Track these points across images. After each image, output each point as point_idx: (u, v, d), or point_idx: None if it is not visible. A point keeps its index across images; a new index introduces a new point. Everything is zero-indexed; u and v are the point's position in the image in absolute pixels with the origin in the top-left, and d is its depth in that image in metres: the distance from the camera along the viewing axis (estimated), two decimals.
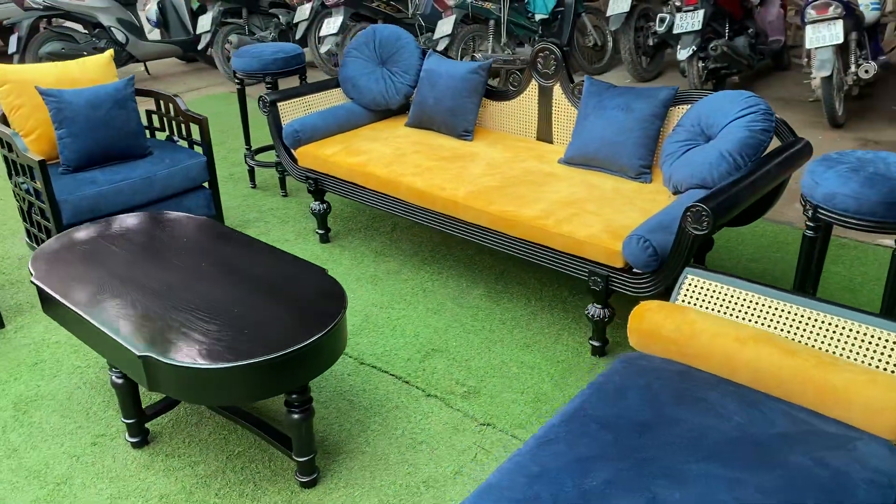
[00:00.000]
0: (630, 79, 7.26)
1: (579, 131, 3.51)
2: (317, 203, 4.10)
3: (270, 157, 5.22)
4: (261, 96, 4.08)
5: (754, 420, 1.88)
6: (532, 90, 3.93)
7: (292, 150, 4.14)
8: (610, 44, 7.53)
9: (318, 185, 4.03)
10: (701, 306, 2.30)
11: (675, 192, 3.20)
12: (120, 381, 2.59)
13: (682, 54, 6.04)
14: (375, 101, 4.30)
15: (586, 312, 3.07)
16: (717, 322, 2.14)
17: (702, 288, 2.32)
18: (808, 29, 5.43)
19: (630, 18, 6.81)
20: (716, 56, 6.12)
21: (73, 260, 2.75)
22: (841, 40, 5.28)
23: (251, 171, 4.94)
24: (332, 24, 6.47)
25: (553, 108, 3.87)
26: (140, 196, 3.73)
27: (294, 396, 2.35)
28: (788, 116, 5.99)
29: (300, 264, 2.70)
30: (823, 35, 5.35)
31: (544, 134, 3.95)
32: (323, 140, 4.09)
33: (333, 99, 4.37)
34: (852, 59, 5.64)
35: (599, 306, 3.05)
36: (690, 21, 6.00)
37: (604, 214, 3.06)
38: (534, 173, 3.51)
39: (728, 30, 6.32)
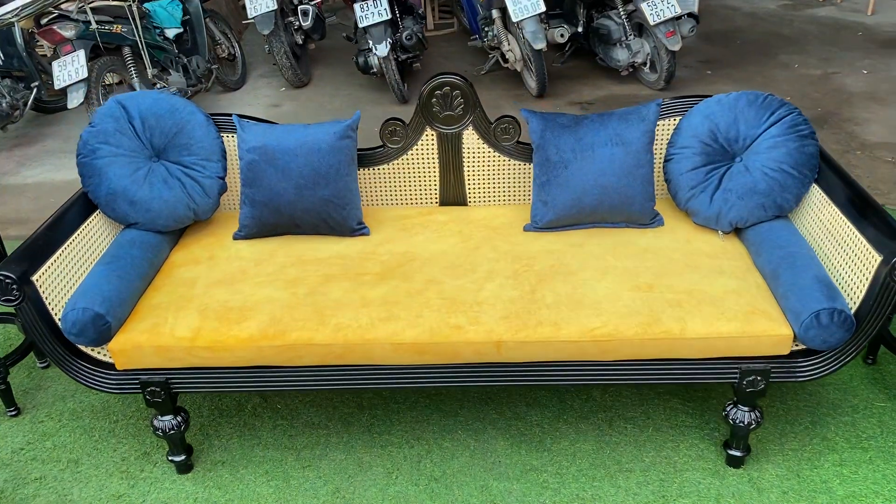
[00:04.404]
0: (286, 86, 6.12)
1: (560, 184, 2.57)
2: (167, 418, 2.36)
3: None
4: None
5: None
6: (427, 142, 2.78)
7: (91, 350, 2.29)
8: (239, 52, 6.21)
9: (170, 390, 2.31)
10: None
11: (728, 231, 2.56)
12: None
13: (381, 50, 5.20)
14: (177, 216, 2.62)
15: (733, 419, 2.30)
16: None
17: None
18: (509, 2, 5.09)
19: (278, 17, 5.64)
20: (410, 45, 5.43)
21: None
22: (544, 9, 5.08)
23: None
24: None
25: (465, 161, 2.81)
26: None
27: None
28: (484, 94, 5.63)
29: None
30: (526, 6, 5.08)
31: (454, 196, 2.87)
32: (139, 312, 2.33)
33: (95, 235, 2.53)
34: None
35: (747, 409, 2.29)
36: (375, 10, 5.17)
37: (712, 291, 2.28)
38: (531, 259, 2.48)
39: (399, 14, 5.66)
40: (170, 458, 2.44)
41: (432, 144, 2.78)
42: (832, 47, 6.37)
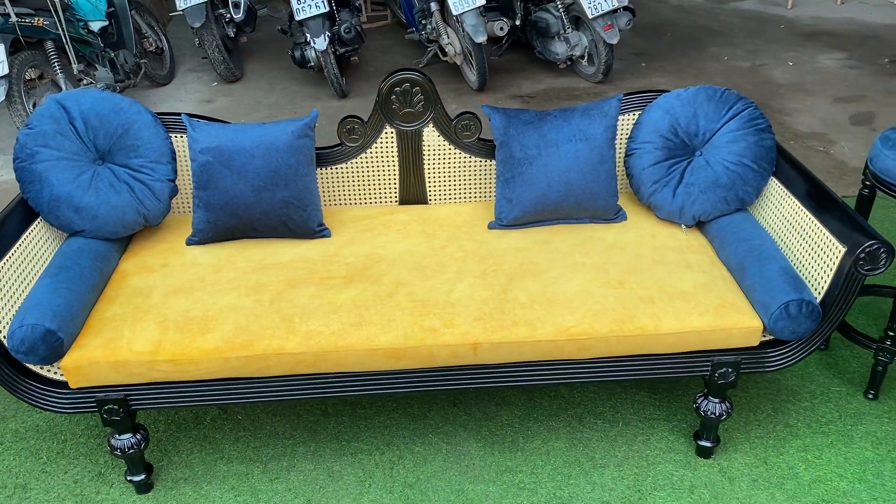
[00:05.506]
0: (218, 81, 5.91)
1: (524, 181, 2.55)
2: (126, 436, 2.24)
3: None
4: None
5: None
6: (386, 140, 2.72)
7: (41, 368, 2.14)
8: (166, 45, 5.97)
9: (129, 407, 2.18)
10: None
11: (691, 225, 2.59)
12: None
13: (319, 43, 5.07)
14: (126, 222, 2.48)
15: (704, 411, 2.33)
16: None
17: None
18: None
19: (209, 9, 5.44)
20: (349, 38, 5.32)
21: None
22: (484, 2, 5.05)
23: None
24: None
25: (425, 158, 2.75)
26: None
27: None
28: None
29: None
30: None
31: (414, 194, 2.81)
32: (92, 326, 2.20)
33: (37, 245, 2.37)
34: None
35: (718, 400, 2.33)
36: (312, 2, 5.04)
37: (681, 286, 2.30)
38: (499, 258, 2.46)
39: (335, 7, 5.53)
40: (128, 477, 2.31)
41: (391, 142, 2.72)
42: (758, 40, 6.57)
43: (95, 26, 4.92)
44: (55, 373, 2.14)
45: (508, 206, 2.59)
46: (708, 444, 2.40)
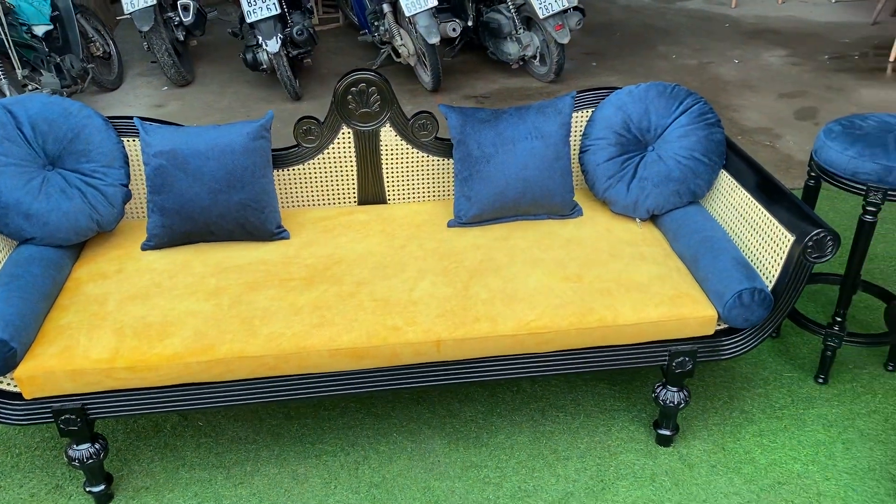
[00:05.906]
0: (168, 85, 5.82)
1: (482, 179, 2.57)
2: (84, 446, 2.19)
3: None
4: None
5: None
6: (344, 141, 2.71)
7: None
8: (114, 49, 5.85)
9: (87, 416, 2.14)
10: None
11: (645, 218, 2.64)
12: None
13: (272, 46, 5.03)
14: (79, 228, 2.43)
15: (663, 400, 2.38)
16: None
17: None
18: None
19: (157, 13, 5.35)
20: (302, 40, 5.29)
21: None
22: (436, 3, 5.08)
23: None
24: None
25: (383, 157, 2.76)
26: None
27: None
28: None
29: None
30: (418, 0, 5.06)
31: (373, 194, 2.81)
32: (46, 335, 2.15)
33: None
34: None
35: (676, 389, 2.38)
36: (262, 5, 5.00)
37: (637, 278, 2.35)
38: (459, 255, 2.47)
39: (287, 9, 5.49)
40: (87, 489, 2.27)
41: (349, 142, 2.71)
42: (704, 38, 6.72)
43: (39, 31, 4.80)
44: (8, 384, 2.09)
45: (467, 204, 2.61)
46: (667, 433, 2.45)
